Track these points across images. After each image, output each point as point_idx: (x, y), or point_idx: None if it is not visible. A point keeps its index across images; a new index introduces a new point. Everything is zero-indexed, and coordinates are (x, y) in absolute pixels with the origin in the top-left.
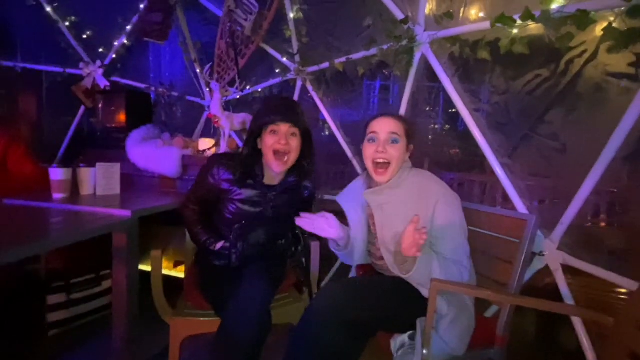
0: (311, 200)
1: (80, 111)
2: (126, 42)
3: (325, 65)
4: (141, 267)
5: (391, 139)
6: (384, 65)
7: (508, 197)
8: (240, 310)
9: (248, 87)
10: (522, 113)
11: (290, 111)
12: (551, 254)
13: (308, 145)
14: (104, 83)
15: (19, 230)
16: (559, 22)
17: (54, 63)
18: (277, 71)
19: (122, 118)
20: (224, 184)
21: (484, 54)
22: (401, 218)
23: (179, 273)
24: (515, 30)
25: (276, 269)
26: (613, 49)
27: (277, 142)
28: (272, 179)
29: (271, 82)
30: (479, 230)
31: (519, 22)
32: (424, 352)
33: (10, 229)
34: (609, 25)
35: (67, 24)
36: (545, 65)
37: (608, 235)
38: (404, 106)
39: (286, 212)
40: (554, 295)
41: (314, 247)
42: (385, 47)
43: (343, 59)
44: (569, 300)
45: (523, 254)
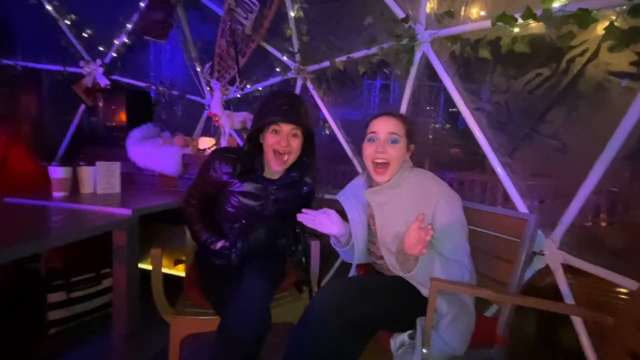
0: (311, 196)
1: (80, 110)
2: (126, 41)
3: (325, 64)
4: (141, 266)
5: (390, 139)
6: (385, 64)
7: (508, 197)
8: (240, 309)
9: (248, 86)
10: (523, 112)
11: (293, 111)
12: (552, 254)
13: (310, 143)
14: (105, 82)
15: (20, 228)
16: (560, 21)
17: (55, 61)
18: (278, 70)
19: (123, 117)
20: (225, 176)
21: (485, 53)
22: (401, 218)
23: (179, 272)
24: (516, 29)
25: (276, 268)
26: (614, 48)
27: (278, 143)
28: (273, 174)
29: (271, 81)
30: (480, 229)
31: (520, 21)
32: (424, 352)
33: (10, 227)
34: (611, 24)
35: (68, 23)
36: (546, 64)
37: (609, 234)
38: (405, 105)
39: (286, 209)
40: (555, 294)
41: (314, 246)
42: (386, 46)
43: (344, 58)
44: (569, 299)
45: (523, 254)
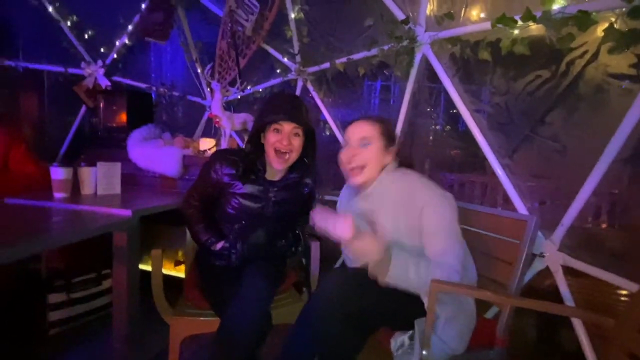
0: (311, 197)
1: (81, 111)
2: (127, 42)
3: (326, 65)
4: (141, 267)
5: (361, 144)
6: (385, 65)
7: (508, 198)
8: (240, 310)
9: (249, 87)
10: (523, 114)
11: (294, 110)
12: (551, 255)
13: (311, 143)
14: (106, 83)
15: (20, 229)
16: (560, 23)
17: (56, 63)
18: (278, 71)
19: (123, 118)
20: (226, 178)
21: (485, 55)
22: (390, 225)
23: (179, 272)
24: (516, 30)
25: (276, 269)
26: (614, 50)
27: (279, 142)
28: (274, 175)
29: (272, 82)
30: (480, 230)
31: (520, 23)
32: (424, 353)
33: (11, 228)
34: (610, 26)
35: (69, 24)
36: (546, 66)
37: (609, 236)
38: (405, 107)
39: (286, 211)
40: (555, 296)
41: (314, 247)
42: (386, 48)
43: (344, 59)
44: (569, 301)
45: (523, 255)
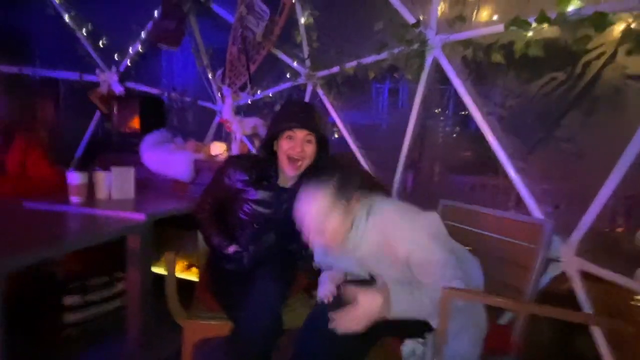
0: None
1: (95, 116)
2: (140, 49)
3: (335, 69)
4: (152, 270)
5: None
6: (395, 68)
7: (520, 201)
8: (251, 314)
9: (259, 92)
10: (538, 116)
11: (307, 117)
12: (568, 260)
13: (324, 150)
14: (119, 89)
15: (39, 233)
16: (576, 25)
17: (71, 70)
18: (288, 76)
19: (136, 123)
20: (239, 184)
21: (498, 57)
22: (378, 271)
23: (191, 276)
24: (529, 32)
25: (287, 273)
26: (632, 51)
27: (292, 149)
28: (286, 181)
29: (282, 87)
30: (494, 235)
31: (534, 25)
32: None
33: (30, 232)
34: (628, 26)
35: (85, 33)
36: (561, 68)
37: (627, 240)
38: (416, 110)
39: None
40: (571, 302)
41: None
42: (396, 51)
43: (354, 63)
44: (587, 307)
45: (539, 260)
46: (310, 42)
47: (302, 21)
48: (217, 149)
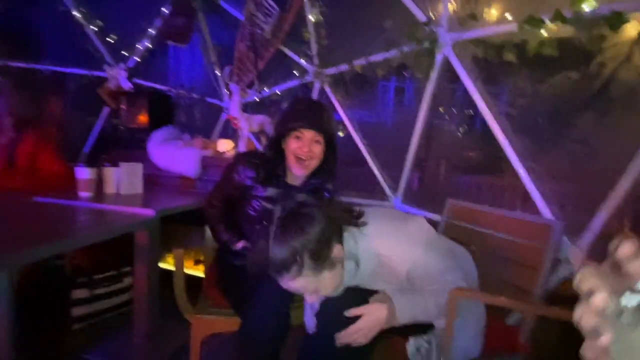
0: None
1: (104, 112)
2: (149, 45)
3: (344, 67)
4: (160, 265)
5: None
6: (404, 67)
7: (528, 201)
8: (259, 310)
9: (266, 89)
10: (550, 116)
11: (316, 117)
12: (578, 261)
13: (332, 149)
14: (128, 85)
15: (49, 227)
16: (591, 24)
17: (80, 66)
18: (296, 73)
19: (144, 119)
20: (248, 181)
21: (510, 56)
22: (382, 284)
23: (198, 271)
24: (543, 31)
25: None
26: None
27: (300, 149)
28: (295, 180)
29: (289, 85)
30: (502, 235)
31: (549, 24)
32: None
33: (40, 227)
34: None
35: (94, 28)
36: (575, 67)
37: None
38: (424, 108)
39: None
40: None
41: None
42: (406, 49)
43: (362, 61)
44: None
45: (548, 261)
46: (318, 40)
47: (311, 18)
48: (225, 146)
